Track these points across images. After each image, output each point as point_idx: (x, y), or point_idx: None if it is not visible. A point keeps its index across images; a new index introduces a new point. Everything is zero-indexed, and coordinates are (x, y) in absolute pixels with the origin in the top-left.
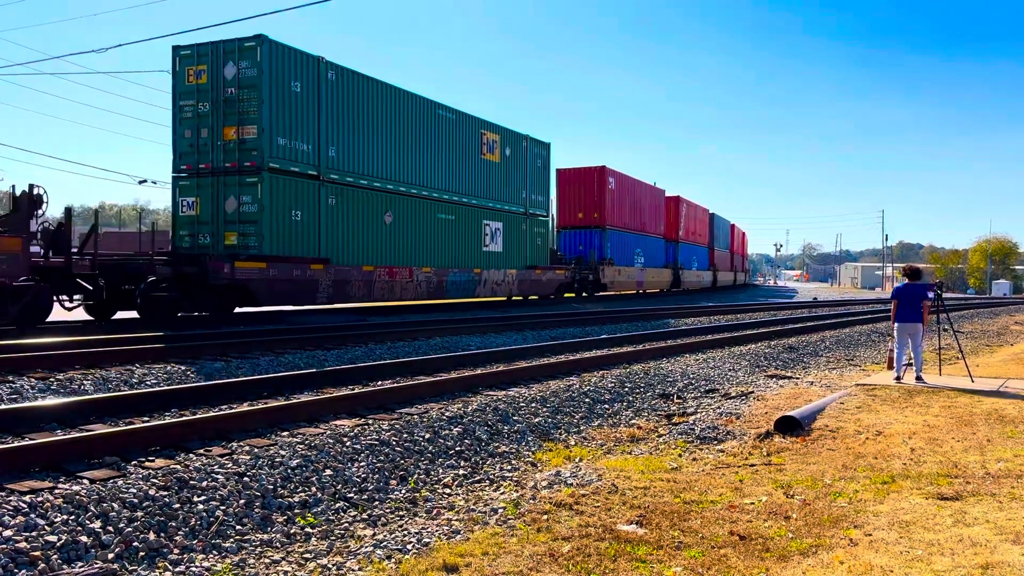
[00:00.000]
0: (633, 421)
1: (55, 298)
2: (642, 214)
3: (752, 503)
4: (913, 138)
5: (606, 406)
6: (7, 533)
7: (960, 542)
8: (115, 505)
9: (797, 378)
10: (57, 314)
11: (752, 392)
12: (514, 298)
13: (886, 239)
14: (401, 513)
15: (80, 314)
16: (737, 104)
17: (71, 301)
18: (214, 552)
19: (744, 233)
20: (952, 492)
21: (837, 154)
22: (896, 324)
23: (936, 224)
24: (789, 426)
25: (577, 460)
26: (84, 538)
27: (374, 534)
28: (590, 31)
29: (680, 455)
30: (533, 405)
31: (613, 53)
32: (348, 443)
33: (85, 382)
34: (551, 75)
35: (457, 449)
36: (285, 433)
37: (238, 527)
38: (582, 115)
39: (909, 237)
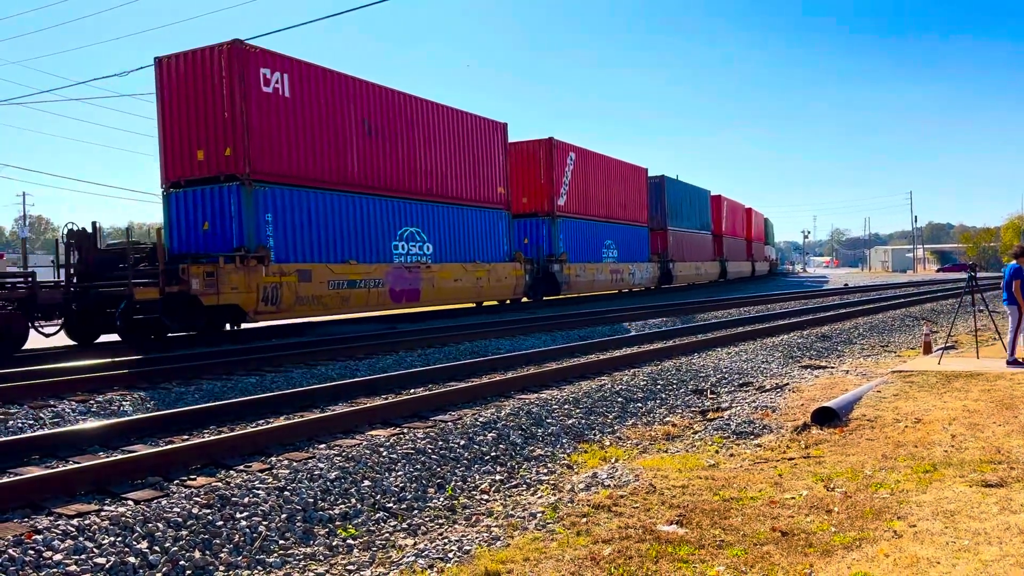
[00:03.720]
0: (667, 419)
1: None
2: (433, 160)
3: (792, 498)
4: (939, 116)
5: (639, 404)
6: (57, 557)
7: (1007, 530)
8: (160, 525)
9: (832, 367)
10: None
11: (787, 384)
12: None
13: (915, 220)
14: (440, 521)
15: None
16: (757, 92)
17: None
18: (259, 568)
19: (751, 211)
20: (996, 479)
21: (862, 137)
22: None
23: (966, 203)
24: (826, 417)
25: (613, 461)
26: (132, 559)
27: (415, 543)
28: (603, 21)
29: (717, 451)
30: (566, 407)
31: (627, 43)
32: (385, 453)
33: (124, 403)
34: (563, 66)
35: (492, 454)
36: (322, 445)
37: (281, 541)
38: (598, 108)
39: (939, 217)
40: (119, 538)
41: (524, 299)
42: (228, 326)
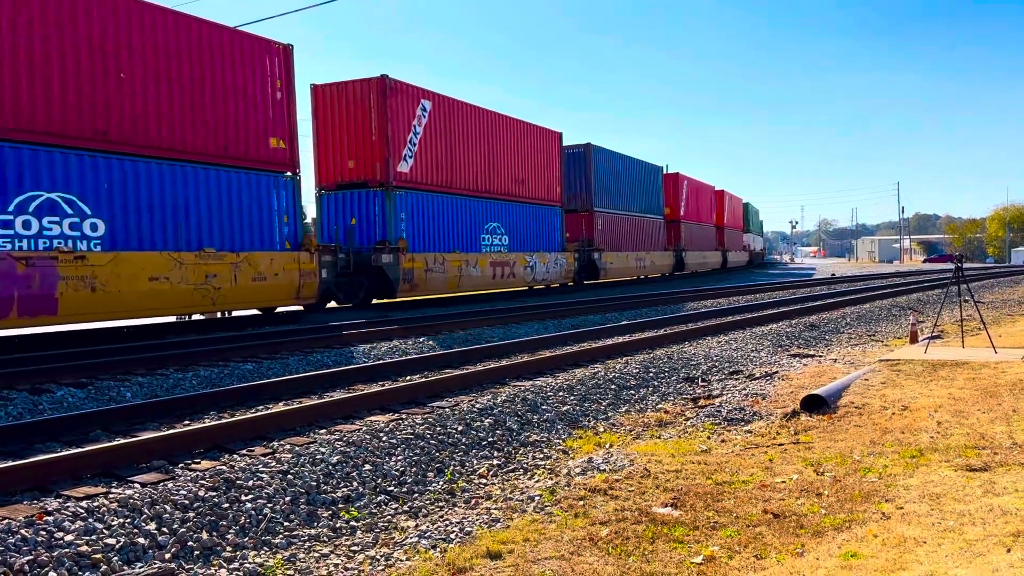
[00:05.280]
0: (660, 406)
1: None
2: (114, 88)
3: (783, 481)
4: (926, 108)
5: (632, 392)
6: (69, 538)
7: (990, 512)
8: (167, 507)
9: (820, 356)
10: None
11: (776, 372)
12: None
13: (902, 211)
14: (441, 504)
15: None
16: (745, 83)
17: None
18: (265, 548)
19: (724, 194)
20: (980, 463)
21: (850, 128)
22: None
23: (953, 193)
24: (815, 404)
25: (608, 446)
26: (141, 540)
27: (417, 525)
28: (594, 15)
29: (709, 437)
30: (560, 394)
31: (611, 39)
32: (384, 438)
33: (122, 388)
34: (557, 57)
35: (490, 440)
36: (323, 431)
37: (286, 523)
38: (589, 97)
39: (926, 208)
40: (128, 519)
41: (333, 304)
42: None
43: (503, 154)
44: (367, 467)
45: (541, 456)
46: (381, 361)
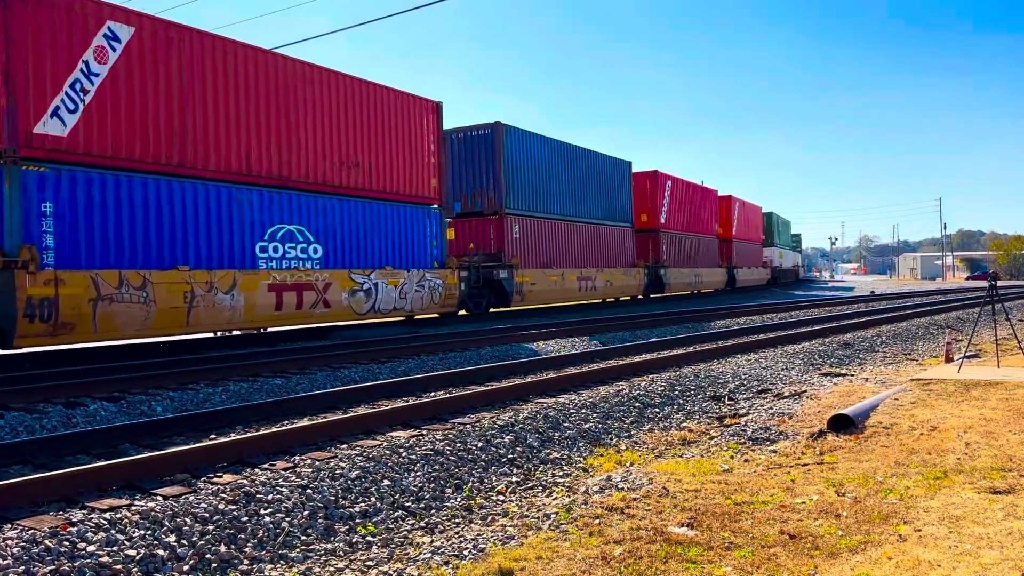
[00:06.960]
0: (684, 424)
1: None
2: None
3: (803, 502)
4: (969, 121)
5: (656, 410)
6: (90, 548)
7: (1009, 535)
8: (188, 520)
9: (852, 375)
10: None
11: (805, 391)
12: None
13: (944, 228)
14: (457, 520)
15: None
16: (783, 95)
17: None
18: (281, 562)
19: (731, 200)
20: (1005, 485)
21: (890, 142)
22: None
23: (998, 209)
24: (842, 424)
25: (628, 464)
26: (161, 552)
27: (432, 541)
28: (626, 21)
29: (732, 457)
30: (583, 411)
31: (649, 45)
32: (404, 454)
33: (153, 403)
34: (596, 74)
35: (509, 457)
36: (344, 446)
37: (303, 537)
38: (626, 116)
39: (969, 224)
40: (149, 532)
41: None
42: None
43: (318, 125)
44: (386, 482)
45: (560, 474)
46: (406, 377)
